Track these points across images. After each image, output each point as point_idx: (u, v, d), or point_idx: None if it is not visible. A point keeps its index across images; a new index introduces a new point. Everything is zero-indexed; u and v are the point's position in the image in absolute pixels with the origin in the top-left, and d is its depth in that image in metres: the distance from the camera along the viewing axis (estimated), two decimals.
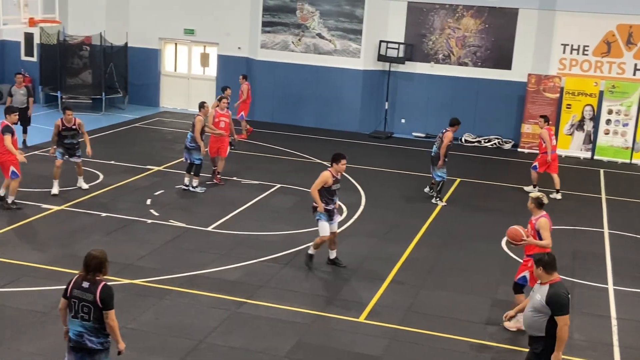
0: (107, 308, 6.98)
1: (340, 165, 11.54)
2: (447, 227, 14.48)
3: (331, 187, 11.53)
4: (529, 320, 7.60)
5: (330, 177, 11.49)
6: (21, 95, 18.70)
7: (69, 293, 7.06)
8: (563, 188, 17.30)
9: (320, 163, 18.78)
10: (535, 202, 10.00)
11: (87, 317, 6.99)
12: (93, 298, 6.95)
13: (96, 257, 7.07)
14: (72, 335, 7.10)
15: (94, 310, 6.97)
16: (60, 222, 13.46)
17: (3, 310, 9.87)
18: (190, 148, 15.61)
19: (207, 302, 10.47)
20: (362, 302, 10.81)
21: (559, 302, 7.36)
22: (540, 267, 7.54)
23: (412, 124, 23.22)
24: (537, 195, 10.08)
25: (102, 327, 7.05)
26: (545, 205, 9.98)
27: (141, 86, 25.11)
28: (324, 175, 11.48)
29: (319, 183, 11.46)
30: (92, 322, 7.00)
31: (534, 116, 21.74)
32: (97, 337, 7.06)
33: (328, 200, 11.58)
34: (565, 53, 21.85)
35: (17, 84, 18.87)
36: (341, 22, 22.96)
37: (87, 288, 6.99)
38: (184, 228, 13.49)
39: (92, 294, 6.96)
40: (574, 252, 13.51)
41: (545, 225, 9.80)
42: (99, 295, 6.96)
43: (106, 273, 7.15)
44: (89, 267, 7.04)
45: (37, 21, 18.70)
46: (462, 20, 22.52)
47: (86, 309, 6.98)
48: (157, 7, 24.69)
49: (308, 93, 23.43)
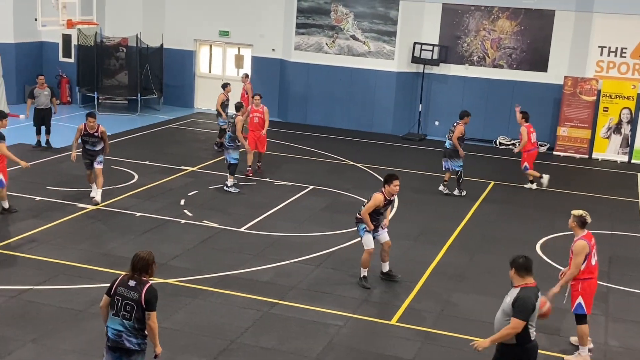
0: (150, 309, 7.04)
1: (393, 187, 10.97)
2: (481, 231, 14.38)
3: (380, 210, 11.16)
4: (499, 324, 7.32)
5: (383, 201, 11.00)
6: (45, 97, 18.73)
7: (114, 291, 7.14)
8: (599, 192, 17.09)
9: (353, 165, 18.76)
10: (577, 220, 9.20)
11: (129, 315, 7.05)
12: (138, 297, 7.02)
13: (143, 258, 7.16)
14: (111, 334, 7.15)
15: (137, 309, 7.03)
16: (96, 222, 13.62)
17: (40, 308, 10.02)
18: (228, 147, 15.95)
19: (239, 303, 10.51)
20: (394, 305, 10.78)
21: (522, 306, 7.06)
22: (513, 269, 7.29)
23: (446, 126, 22.91)
24: (579, 213, 9.20)
25: (141, 328, 7.10)
26: (588, 224, 9.22)
27: (176, 87, 25.32)
28: (377, 199, 10.97)
29: (371, 206, 10.96)
30: (133, 322, 7.05)
31: (570, 119, 21.54)
32: (136, 337, 7.12)
33: (373, 218, 11.15)
34: (603, 55, 21.59)
35: (40, 85, 18.78)
36: (375, 23, 22.93)
37: (133, 287, 7.07)
38: (217, 228, 13.57)
39: (137, 293, 7.03)
40: (610, 257, 13.34)
41: (581, 250, 9.03)
42: (144, 295, 7.02)
43: (152, 274, 7.22)
44: (136, 267, 7.12)
45: (75, 23, 18.93)
46: (498, 22, 22.36)
47: (129, 307, 7.04)
48: (193, 9, 24.87)
49: (341, 95, 23.42)
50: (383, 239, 11.33)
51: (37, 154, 17.96)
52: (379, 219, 11.28)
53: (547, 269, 12.47)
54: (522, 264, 7.25)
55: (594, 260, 9.18)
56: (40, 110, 18.69)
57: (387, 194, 11.06)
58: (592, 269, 9.19)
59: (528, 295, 7.15)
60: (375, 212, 11.10)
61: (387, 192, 11.04)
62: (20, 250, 11.94)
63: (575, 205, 16.27)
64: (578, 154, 21.57)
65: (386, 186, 11.03)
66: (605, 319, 10.77)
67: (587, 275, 9.15)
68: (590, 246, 9.10)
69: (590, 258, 9.12)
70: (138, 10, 25.13)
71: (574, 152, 21.64)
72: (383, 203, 11.04)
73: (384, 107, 23.16)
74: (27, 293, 10.44)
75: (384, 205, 11.09)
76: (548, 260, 12.83)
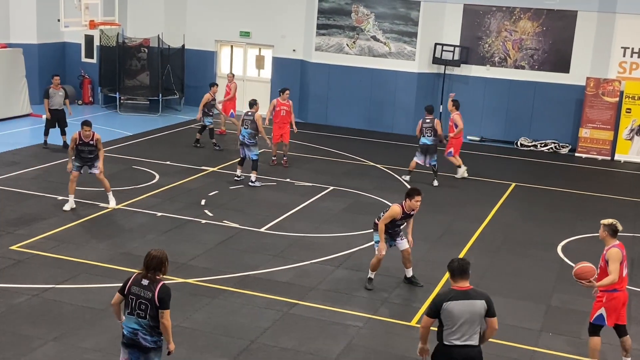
0: (164, 307, 7.08)
1: (414, 202, 10.65)
2: (502, 232, 14.31)
3: (397, 222, 10.97)
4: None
5: (400, 214, 10.77)
6: (60, 97, 18.63)
7: (127, 290, 7.18)
8: (622, 194, 16.95)
9: (373, 166, 18.74)
10: (608, 229, 8.78)
11: (144, 314, 7.10)
12: (151, 296, 7.06)
13: (156, 256, 7.19)
14: (127, 332, 7.22)
15: (151, 308, 7.07)
16: (117, 221, 13.71)
17: (61, 307, 10.10)
18: (249, 144, 16.23)
19: (259, 303, 10.53)
20: (414, 306, 10.76)
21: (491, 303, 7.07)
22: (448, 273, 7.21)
23: (467, 127, 22.82)
24: (609, 222, 8.78)
25: (156, 326, 7.15)
26: (619, 232, 8.82)
27: (197, 88, 25.36)
28: (394, 211, 10.76)
29: (388, 217, 10.77)
30: (147, 320, 7.10)
31: (593, 120, 21.38)
32: (152, 335, 7.17)
33: (391, 228, 10.99)
34: (626, 56, 21.40)
35: (54, 86, 18.63)
36: (396, 24, 22.89)
37: (147, 286, 7.11)
38: (237, 229, 13.61)
39: (150, 291, 7.08)
40: (633, 259, 13.21)
41: (616, 256, 8.59)
42: (157, 293, 7.06)
43: (165, 273, 7.26)
44: (149, 266, 7.15)
45: (97, 24, 19.07)
46: (519, 22, 22.24)
47: (143, 306, 7.09)
48: (214, 9, 24.96)
49: (362, 96, 23.41)
50: (402, 247, 11.17)
51: (52, 155, 18.04)
52: (397, 230, 11.13)
53: (568, 271, 12.33)
54: (452, 268, 7.14)
55: (625, 272, 8.75)
56: (55, 111, 18.55)
57: (407, 208, 10.80)
58: (621, 281, 8.72)
59: (439, 294, 7.29)
60: (392, 222, 10.93)
61: (408, 207, 10.78)
62: (42, 249, 12.04)
63: (597, 207, 16.23)
64: (600, 156, 21.40)
65: (407, 200, 10.73)
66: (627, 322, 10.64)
67: (615, 287, 8.69)
68: (623, 256, 8.71)
69: (622, 269, 8.69)
70: (160, 11, 25.26)
71: (596, 153, 21.48)
72: (400, 216, 10.81)
73: (404, 108, 23.11)
74: (49, 292, 10.53)
75: (401, 218, 10.88)
76: (570, 263, 12.73)
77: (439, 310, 7.04)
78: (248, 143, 16.20)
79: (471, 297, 7.06)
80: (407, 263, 11.37)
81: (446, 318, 7.02)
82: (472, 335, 7.05)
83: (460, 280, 7.10)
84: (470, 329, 7.04)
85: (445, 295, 7.09)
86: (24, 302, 10.17)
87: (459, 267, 7.12)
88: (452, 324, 7.02)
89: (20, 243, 12.24)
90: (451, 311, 6.99)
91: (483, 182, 17.89)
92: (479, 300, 7.06)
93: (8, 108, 22.04)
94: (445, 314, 7.01)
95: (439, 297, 7.12)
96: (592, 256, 13.13)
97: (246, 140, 16.22)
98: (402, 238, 11.19)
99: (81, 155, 14.10)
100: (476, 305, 7.04)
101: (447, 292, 7.12)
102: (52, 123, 18.64)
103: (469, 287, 7.12)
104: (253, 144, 16.22)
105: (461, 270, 7.11)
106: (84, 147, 14.03)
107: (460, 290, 7.07)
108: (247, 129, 16.21)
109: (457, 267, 7.12)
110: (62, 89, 18.88)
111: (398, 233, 11.16)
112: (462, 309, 6.99)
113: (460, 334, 7.02)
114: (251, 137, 16.18)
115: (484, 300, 7.09)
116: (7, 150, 18.26)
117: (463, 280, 7.10)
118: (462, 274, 7.10)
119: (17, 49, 22.71)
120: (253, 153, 16.24)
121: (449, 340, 7.04)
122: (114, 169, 16.77)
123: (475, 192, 16.97)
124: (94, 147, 14.12)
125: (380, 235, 10.88)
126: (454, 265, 7.15)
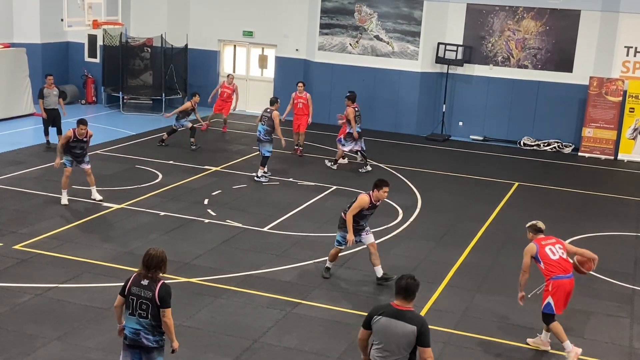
0: (165, 306, 7.09)
1: (382, 193, 10.86)
2: (505, 232, 14.29)
3: (363, 212, 11.03)
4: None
5: (368, 204, 10.92)
6: (54, 96, 18.65)
7: (127, 290, 7.19)
8: (625, 194, 16.94)
9: (376, 165, 18.74)
10: (530, 229, 9.73)
11: (145, 314, 7.11)
12: (152, 295, 7.07)
13: (156, 255, 7.19)
14: (129, 333, 7.23)
15: (152, 307, 7.09)
16: (120, 221, 13.72)
17: (64, 306, 10.12)
18: (264, 140, 16.66)
19: (262, 302, 10.54)
20: (417, 306, 10.66)
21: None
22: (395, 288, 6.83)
23: (470, 127, 23.01)
24: (530, 223, 9.77)
25: (158, 325, 7.16)
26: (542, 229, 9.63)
27: (200, 87, 25.37)
28: (362, 200, 10.91)
29: (356, 207, 10.89)
30: (149, 320, 7.12)
31: (596, 120, 21.35)
32: (154, 335, 7.18)
33: (357, 222, 11.08)
34: (629, 55, 21.37)
35: (48, 85, 18.66)
36: (399, 24, 22.88)
37: (146, 285, 7.12)
38: (240, 228, 13.62)
39: (151, 291, 7.09)
40: (636, 259, 13.21)
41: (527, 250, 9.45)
42: (157, 292, 7.07)
43: (165, 271, 7.27)
44: (149, 265, 7.16)
45: (101, 23, 19.06)
46: (523, 22, 22.21)
47: (144, 306, 7.10)
48: (217, 9, 24.97)
49: (365, 95, 23.39)
50: (368, 240, 11.24)
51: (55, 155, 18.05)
52: (362, 225, 11.18)
53: None
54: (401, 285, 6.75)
55: (554, 257, 9.32)
56: (50, 111, 18.58)
57: (375, 199, 10.94)
58: (557, 266, 9.28)
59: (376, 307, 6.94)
60: (359, 215, 11.00)
61: (375, 197, 10.92)
62: (46, 249, 12.06)
63: (600, 207, 16.22)
64: (603, 155, 21.37)
65: (375, 190, 10.90)
66: (630, 321, 10.66)
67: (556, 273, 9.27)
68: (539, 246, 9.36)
69: (545, 255, 9.30)
70: (163, 11, 25.27)
71: (599, 153, 21.45)
72: (368, 206, 10.92)
73: (407, 107, 23.11)
74: (53, 291, 10.55)
75: (368, 208, 10.96)
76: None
77: (370, 322, 6.77)
78: (263, 139, 16.59)
79: (404, 318, 6.64)
80: (375, 260, 11.28)
81: (375, 333, 6.76)
82: (398, 357, 6.69)
83: (403, 300, 6.72)
84: (397, 350, 6.67)
85: (380, 309, 6.80)
86: (27, 302, 10.19)
87: (405, 287, 6.71)
88: (378, 340, 6.76)
89: (24, 242, 12.27)
90: (380, 326, 6.71)
91: (486, 182, 17.88)
92: (410, 325, 6.61)
93: (11, 107, 22.07)
94: (375, 328, 6.75)
95: (374, 310, 6.84)
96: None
97: (261, 136, 16.61)
98: (367, 232, 11.30)
99: (72, 151, 14.29)
100: (406, 329, 6.61)
101: (383, 307, 6.83)
102: (49, 122, 18.70)
103: (408, 308, 6.71)
104: (267, 141, 16.59)
105: (406, 291, 6.71)
106: (77, 143, 14.23)
107: (396, 309, 6.70)
108: (264, 125, 16.58)
109: (404, 285, 6.72)
110: (57, 88, 18.92)
111: (364, 227, 11.24)
112: (390, 327, 6.66)
113: (384, 352, 6.73)
114: (267, 134, 16.56)
115: (417, 327, 6.61)
116: (10, 150, 18.29)
117: (406, 301, 6.72)
118: (407, 294, 6.71)
119: (20, 48, 22.75)
120: (266, 149, 16.61)
121: (373, 356, 6.81)
122: (116, 168, 16.79)
123: (479, 191, 16.96)
124: (85, 144, 14.36)
125: (349, 226, 10.97)
126: (402, 283, 6.73)
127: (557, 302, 9.31)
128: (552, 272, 9.29)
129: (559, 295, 9.29)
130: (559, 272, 9.27)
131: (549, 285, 9.32)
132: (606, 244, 13.87)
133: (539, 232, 9.65)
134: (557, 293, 9.29)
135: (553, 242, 9.48)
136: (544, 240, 9.50)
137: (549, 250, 9.36)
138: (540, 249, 9.39)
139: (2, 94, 21.74)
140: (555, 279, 9.27)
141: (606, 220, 15.35)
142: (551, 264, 9.30)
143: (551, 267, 9.30)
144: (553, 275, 9.27)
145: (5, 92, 21.79)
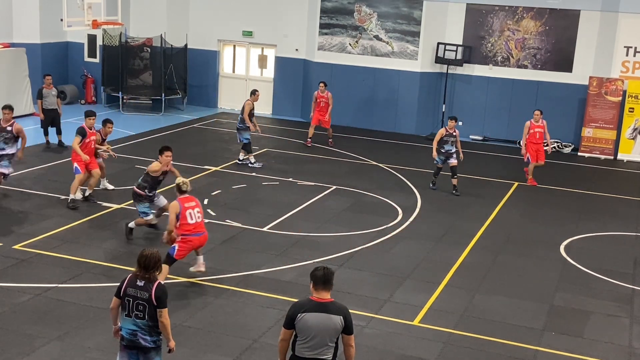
0: (161, 306, 7.10)
1: (164, 157, 12.36)
2: (505, 231, 14.30)
3: (158, 178, 12.50)
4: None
5: (160, 171, 12.43)
6: (53, 96, 18.70)
7: (123, 292, 7.19)
8: (624, 193, 16.95)
9: (376, 165, 18.74)
10: (175, 188, 10.93)
11: (142, 315, 7.11)
12: (148, 296, 7.07)
13: (151, 256, 7.20)
14: (126, 334, 7.22)
15: (149, 308, 7.09)
16: (120, 220, 13.71)
17: (64, 306, 10.12)
18: (239, 128, 18.01)
19: (262, 302, 10.55)
20: (416, 305, 10.76)
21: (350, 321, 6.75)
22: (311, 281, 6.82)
23: (470, 126, 22.99)
24: (177, 182, 10.99)
25: (155, 325, 7.16)
26: (186, 191, 10.81)
27: (200, 87, 25.44)
28: (157, 166, 12.38)
29: (152, 172, 12.35)
30: (146, 320, 7.12)
31: (595, 120, 21.36)
32: (151, 335, 7.18)
33: (151, 187, 12.51)
34: (629, 55, 21.38)
35: (46, 85, 18.71)
36: (399, 24, 22.88)
37: (143, 286, 7.12)
38: (240, 228, 13.62)
39: (147, 292, 7.09)
40: (636, 259, 13.22)
41: (172, 208, 10.69)
42: (154, 293, 7.08)
43: (160, 271, 7.28)
44: (147, 266, 7.17)
45: (100, 23, 19.05)
46: (522, 22, 22.22)
47: (141, 307, 7.10)
48: (217, 9, 24.97)
49: (364, 95, 23.41)
50: (161, 202, 12.85)
51: (55, 155, 18.07)
52: (155, 189, 12.69)
53: (572, 271, 12.39)
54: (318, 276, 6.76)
55: (191, 220, 10.68)
56: (50, 111, 18.65)
57: (163, 163, 12.41)
58: (189, 227, 10.65)
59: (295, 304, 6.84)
60: (153, 179, 12.45)
61: (162, 161, 12.40)
62: (45, 249, 12.06)
63: (600, 207, 16.22)
64: (603, 155, 21.39)
65: (160, 157, 12.42)
66: (630, 321, 10.67)
67: (185, 231, 10.64)
68: (182, 207, 10.63)
69: (184, 217, 10.64)
70: (162, 11, 25.26)
71: (598, 153, 21.46)
72: (160, 172, 12.44)
73: (407, 107, 23.11)
74: (52, 291, 10.55)
75: (161, 174, 12.49)
76: (572, 262, 12.74)
77: (294, 321, 6.73)
78: (238, 127, 17.99)
79: (329, 310, 6.70)
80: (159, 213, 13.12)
81: (300, 330, 6.72)
82: (325, 350, 6.74)
83: (322, 290, 6.74)
84: (324, 343, 6.72)
85: (302, 306, 6.75)
86: (27, 301, 10.19)
87: (322, 277, 6.73)
88: (305, 336, 6.71)
89: (24, 242, 12.27)
90: (305, 323, 6.68)
91: (486, 182, 17.89)
92: (336, 316, 6.70)
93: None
94: (299, 326, 6.70)
95: (295, 308, 6.76)
96: (595, 255, 13.19)
97: (238, 124, 18.02)
98: (157, 197, 12.84)
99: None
100: (332, 320, 6.68)
101: (304, 303, 6.77)
102: (48, 122, 18.75)
103: (329, 299, 6.75)
104: (242, 129, 17.89)
105: (324, 280, 6.73)
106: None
107: (318, 302, 6.72)
108: (241, 115, 17.95)
109: (321, 276, 6.73)
110: (55, 89, 18.95)
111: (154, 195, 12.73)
112: (317, 322, 6.67)
113: (312, 347, 6.72)
114: (241, 122, 17.93)
115: (342, 316, 6.72)
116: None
117: (325, 291, 6.74)
118: (325, 284, 6.73)
119: (20, 48, 22.73)
120: (243, 137, 17.91)
121: (301, 353, 6.75)
122: (117, 168, 16.77)
123: (478, 191, 16.96)
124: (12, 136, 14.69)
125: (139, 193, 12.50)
126: (318, 273, 6.74)
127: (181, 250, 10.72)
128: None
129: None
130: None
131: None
132: (606, 244, 13.88)
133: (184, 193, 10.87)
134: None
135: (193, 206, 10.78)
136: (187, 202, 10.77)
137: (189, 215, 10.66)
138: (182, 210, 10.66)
139: (2, 94, 21.66)
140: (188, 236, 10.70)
141: (606, 220, 15.36)
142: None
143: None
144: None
145: (5, 92, 21.74)
